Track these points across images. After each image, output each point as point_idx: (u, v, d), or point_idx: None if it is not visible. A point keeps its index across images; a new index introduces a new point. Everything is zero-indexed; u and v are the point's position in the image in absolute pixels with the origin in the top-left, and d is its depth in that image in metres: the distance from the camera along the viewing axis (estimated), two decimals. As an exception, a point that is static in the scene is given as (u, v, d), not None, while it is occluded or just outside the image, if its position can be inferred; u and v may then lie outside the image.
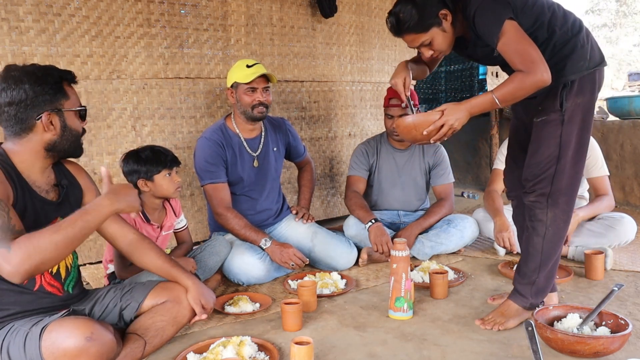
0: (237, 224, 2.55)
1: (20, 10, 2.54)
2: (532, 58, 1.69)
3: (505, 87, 1.73)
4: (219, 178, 2.59)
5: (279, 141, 2.83)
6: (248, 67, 2.55)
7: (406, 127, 1.86)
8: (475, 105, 1.80)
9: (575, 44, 1.81)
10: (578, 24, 1.84)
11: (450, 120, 1.78)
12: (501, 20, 1.72)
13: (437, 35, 1.88)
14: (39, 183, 1.59)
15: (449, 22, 1.87)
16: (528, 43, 1.71)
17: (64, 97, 1.57)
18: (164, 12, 2.97)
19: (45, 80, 1.52)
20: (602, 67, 1.86)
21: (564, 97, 1.80)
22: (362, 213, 2.83)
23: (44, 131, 1.54)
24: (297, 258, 2.49)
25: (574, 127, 1.82)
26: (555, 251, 1.90)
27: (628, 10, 25.03)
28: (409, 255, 2.06)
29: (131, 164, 2.25)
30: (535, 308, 1.91)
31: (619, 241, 2.72)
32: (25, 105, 1.50)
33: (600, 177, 2.82)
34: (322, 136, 3.79)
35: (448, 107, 1.80)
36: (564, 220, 1.88)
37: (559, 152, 1.82)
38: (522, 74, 1.70)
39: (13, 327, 1.44)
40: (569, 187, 1.86)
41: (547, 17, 1.81)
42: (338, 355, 1.76)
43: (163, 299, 1.79)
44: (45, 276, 1.60)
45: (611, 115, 4.37)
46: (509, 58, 1.75)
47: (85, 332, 1.35)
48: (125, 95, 2.89)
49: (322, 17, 3.65)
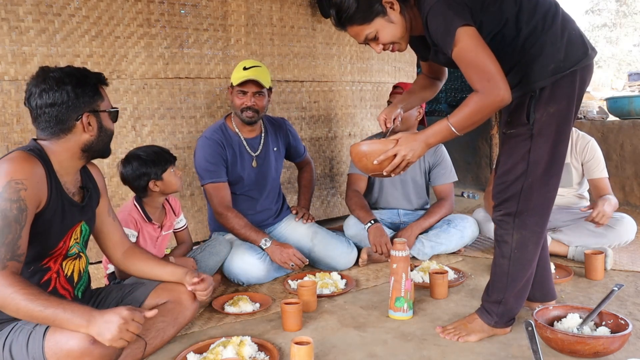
0: (237, 223, 2.55)
1: (20, 10, 2.54)
2: (489, 75, 1.50)
3: (461, 112, 1.56)
4: (219, 177, 2.59)
5: (279, 141, 2.83)
6: (244, 70, 2.55)
7: (357, 154, 1.72)
8: (432, 135, 1.64)
9: (544, 43, 1.60)
10: (551, 16, 1.61)
11: (404, 151, 1.63)
12: (454, 27, 1.52)
13: (383, 26, 1.67)
14: (69, 184, 1.61)
15: (396, 12, 1.66)
16: (484, 55, 1.51)
17: (100, 99, 1.60)
18: (164, 12, 2.97)
19: (85, 82, 1.55)
20: (585, 63, 1.62)
21: (532, 108, 1.61)
22: (362, 213, 2.83)
23: (82, 132, 1.56)
24: (296, 258, 2.48)
25: (546, 141, 1.63)
26: (525, 273, 1.77)
27: (628, 10, 25.02)
28: (409, 255, 2.06)
29: (137, 167, 2.22)
30: (500, 327, 1.83)
31: (619, 241, 2.72)
32: (67, 107, 1.51)
33: (601, 178, 2.82)
34: (322, 136, 3.79)
35: (403, 137, 1.65)
36: (534, 242, 1.73)
37: (526, 169, 1.65)
38: (477, 97, 1.53)
39: (17, 326, 1.45)
40: (539, 207, 1.69)
41: (515, 11, 1.60)
42: (338, 355, 1.76)
43: (164, 299, 1.80)
44: (60, 279, 1.61)
45: (611, 115, 4.37)
46: (464, 72, 1.57)
47: (89, 335, 1.35)
48: (125, 95, 2.89)
49: (322, 17, 3.65)
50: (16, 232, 1.39)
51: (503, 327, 1.85)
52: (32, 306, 1.32)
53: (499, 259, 1.78)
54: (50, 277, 1.58)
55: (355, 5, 1.64)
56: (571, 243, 2.74)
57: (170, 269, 1.84)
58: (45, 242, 1.54)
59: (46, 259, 1.56)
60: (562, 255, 2.75)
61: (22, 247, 1.41)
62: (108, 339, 1.34)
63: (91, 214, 1.70)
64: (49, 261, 1.57)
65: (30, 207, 1.43)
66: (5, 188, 1.39)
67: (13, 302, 1.32)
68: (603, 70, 22.17)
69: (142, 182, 2.23)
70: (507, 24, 1.61)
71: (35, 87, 1.51)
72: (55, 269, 1.59)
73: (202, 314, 2.15)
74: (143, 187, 2.24)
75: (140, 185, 2.24)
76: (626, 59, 23.93)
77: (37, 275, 1.55)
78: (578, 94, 1.65)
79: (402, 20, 1.69)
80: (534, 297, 1.97)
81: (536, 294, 1.96)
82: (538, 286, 1.95)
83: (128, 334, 1.37)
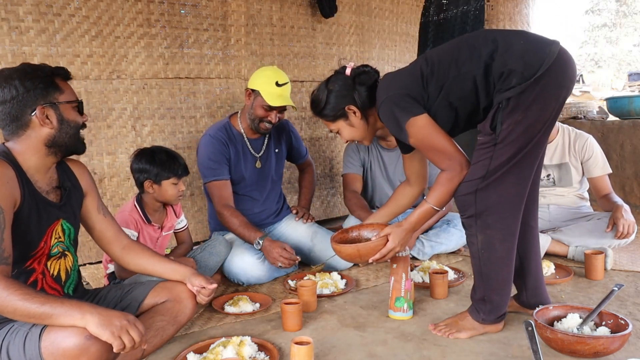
0: (234, 222, 2.52)
1: (20, 10, 2.54)
2: (448, 154, 1.72)
3: (437, 192, 1.78)
4: (221, 175, 2.58)
5: (281, 142, 2.83)
6: (278, 86, 2.50)
7: (349, 255, 1.92)
8: (417, 222, 1.86)
9: (498, 69, 1.62)
10: (491, 42, 1.65)
11: (396, 247, 1.87)
12: (403, 123, 1.72)
13: (344, 127, 1.98)
14: (41, 184, 1.59)
15: (357, 118, 1.94)
16: (438, 138, 1.71)
17: (57, 91, 1.56)
18: (164, 12, 2.97)
19: (35, 74, 1.52)
20: (548, 64, 1.58)
21: (498, 119, 1.63)
22: (363, 214, 2.82)
23: (40, 126, 1.53)
24: (284, 259, 2.40)
25: (510, 148, 1.64)
26: (500, 270, 1.78)
27: (628, 10, 25.04)
28: (409, 255, 2.06)
29: (143, 162, 2.24)
30: (489, 323, 1.85)
31: (618, 241, 2.72)
32: (18, 102, 1.49)
33: (601, 176, 2.82)
34: (322, 136, 3.79)
35: (392, 232, 1.86)
36: (500, 239, 1.73)
37: (484, 174, 1.68)
38: (446, 175, 1.75)
39: (13, 327, 1.44)
40: (499, 205, 1.70)
41: (454, 69, 1.68)
42: (338, 355, 1.76)
43: (163, 298, 1.79)
44: (46, 279, 1.60)
45: (611, 115, 4.37)
46: (426, 156, 1.81)
47: (85, 331, 1.35)
48: (125, 95, 2.89)
49: (322, 17, 3.65)
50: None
51: (493, 323, 1.86)
52: (29, 305, 1.32)
53: (472, 259, 1.84)
54: (37, 279, 1.57)
55: (324, 104, 1.96)
56: (571, 243, 2.73)
57: (172, 266, 1.83)
58: (25, 243, 1.52)
59: (29, 261, 1.55)
60: (562, 255, 2.75)
61: (7, 250, 1.40)
62: (108, 333, 1.33)
63: (70, 213, 1.66)
64: (33, 262, 1.56)
65: (7, 209, 1.41)
66: None
67: (10, 304, 1.32)
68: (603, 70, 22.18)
69: (140, 178, 2.25)
70: (457, 79, 1.69)
71: None
72: (40, 270, 1.58)
73: (202, 314, 2.15)
74: (140, 183, 2.25)
75: (138, 180, 2.26)
76: (626, 59, 23.95)
77: (22, 277, 1.53)
78: (555, 93, 1.63)
79: (362, 124, 1.96)
80: (528, 304, 1.96)
81: (530, 301, 1.95)
82: (531, 293, 1.95)
83: (128, 337, 1.36)
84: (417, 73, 1.76)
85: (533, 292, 1.95)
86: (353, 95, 1.92)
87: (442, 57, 1.75)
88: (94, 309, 1.36)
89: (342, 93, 1.93)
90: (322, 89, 1.99)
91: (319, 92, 1.99)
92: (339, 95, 1.93)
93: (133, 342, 1.36)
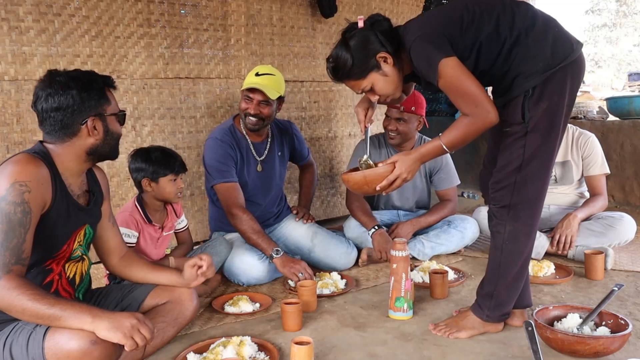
0: (252, 227, 2.49)
1: (20, 10, 2.54)
2: (475, 100, 1.62)
3: (452, 133, 1.68)
4: (231, 177, 2.57)
5: (284, 146, 2.83)
6: (256, 76, 2.52)
7: (357, 182, 1.80)
8: (425, 154, 1.75)
9: (527, 46, 1.66)
10: (530, 18, 1.68)
11: (404, 174, 1.73)
12: (435, 62, 1.63)
13: (377, 80, 1.78)
14: (74, 187, 1.60)
15: (390, 65, 1.77)
16: (469, 83, 1.62)
17: (107, 102, 1.59)
18: (164, 12, 2.97)
19: (91, 86, 1.54)
20: (573, 57, 1.66)
21: (526, 107, 1.67)
22: (365, 218, 2.82)
23: (87, 136, 1.56)
24: (307, 273, 2.38)
25: (539, 136, 1.69)
26: (516, 265, 1.79)
27: (628, 10, 25.03)
28: (409, 255, 2.06)
29: (139, 161, 2.25)
30: (492, 321, 1.85)
31: (619, 240, 2.72)
32: (72, 111, 1.51)
33: (598, 175, 2.82)
34: (322, 136, 3.79)
35: (399, 160, 1.74)
36: (526, 234, 1.76)
37: (520, 164, 1.70)
38: (467, 120, 1.65)
39: (17, 326, 1.44)
40: (533, 200, 1.74)
41: (492, 27, 1.67)
42: (338, 355, 1.76)
43: (164, 299, 1.79)
44: (62, 281, 1.61)
45: (611, 115, 4.37)
46: (452, 100, 1.69)
47: (90, 335, 1.35)
48: (125, 95, 2.89)
49: (322, 17, 3.65)
50: (20, 235, 1.39)
51: (495, 322, 1.85)
52: (38, 305, 1.32)
53: (492, 250, 1.83)
54: (53, 279, 1.58)
55: (351, 62, 1.75)
56: (571, 243, 2.74)
57: (167, 275, 1.83)
58: (50, 245, 1.53)
59: (49, 261, 1.56)
60: (562, 255, 2.75)
61: (27, 251, 1.41)
62: (120, 335, 1.34)
63: (95, 217, 1.70)
64: (52, 263, 1.57)
65: (35, 210, 1.43)
66: (9, 190, 1.38)
67: (19, 304, 1.32)
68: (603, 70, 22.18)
69: (137, 177, 2.25)
70: (488, 40, 1.68)
71: (42, 90, 1.51)
72: (57, 271, 1.59)
73: (202, 314, 2.15)
74: (138, 182, 2.25)
75: (136, 179, 2.26)
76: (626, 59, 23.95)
77: (40, 277, 1.55)
78: (570, 87, 1.69)
79: (395, 72, 1.79)
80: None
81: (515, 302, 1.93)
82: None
83: (139, 335, 1.37)
84: (457, 18, 1.69)
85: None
86: (378, 43, 1.75)
87: (483, 10, 1.69)
88: (103, 313, 1.37)
89: (366, 44, 1.75)
90: (340, 50, 1.77)
91: (339, 53, 1.77)
92: (364, 47, 1.75)
93: (145, 340, 1.38)
